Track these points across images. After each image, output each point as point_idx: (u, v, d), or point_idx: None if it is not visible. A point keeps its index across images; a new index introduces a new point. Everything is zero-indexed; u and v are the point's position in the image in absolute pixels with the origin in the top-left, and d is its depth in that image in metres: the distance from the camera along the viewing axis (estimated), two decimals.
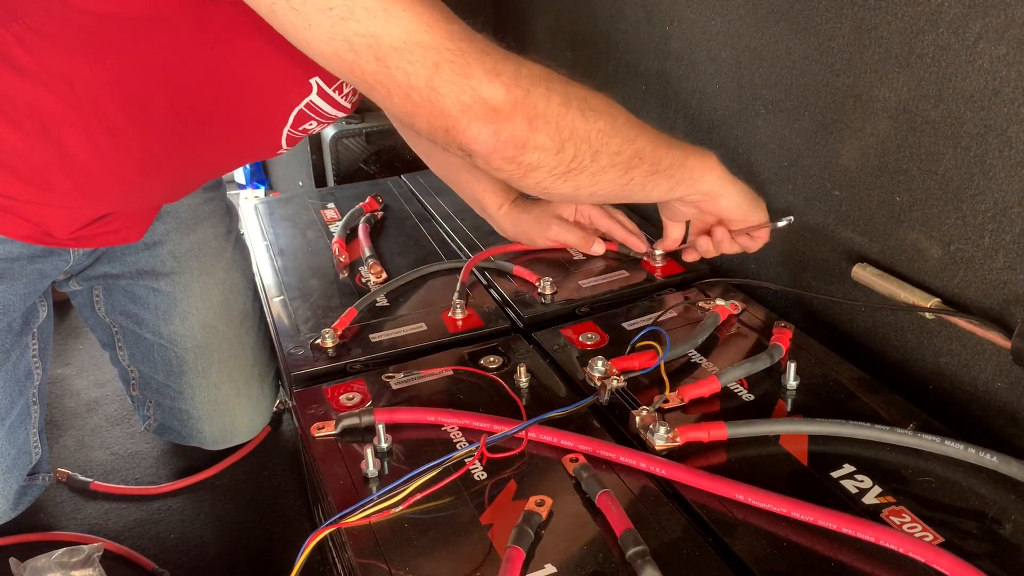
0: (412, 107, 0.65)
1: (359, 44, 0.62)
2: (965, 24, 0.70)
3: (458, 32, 0.64)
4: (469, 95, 0.63)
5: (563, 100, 0.68)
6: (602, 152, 0.72)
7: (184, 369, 1.04)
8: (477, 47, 0.64)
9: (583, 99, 0.70)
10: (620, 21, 1.22)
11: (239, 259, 1.11)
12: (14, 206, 0.84)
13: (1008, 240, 0.71)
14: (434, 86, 0.63)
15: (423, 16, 0.62)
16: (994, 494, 0.66)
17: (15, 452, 0.94)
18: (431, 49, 0.62)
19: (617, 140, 0.73)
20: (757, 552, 0.61)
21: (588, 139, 0.70)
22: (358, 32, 0.61)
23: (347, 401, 0.79)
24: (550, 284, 0.98)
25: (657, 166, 0.78)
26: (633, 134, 0.74)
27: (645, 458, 0.69)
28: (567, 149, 0.70)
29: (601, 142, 0.72)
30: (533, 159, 0.69)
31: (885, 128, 0.81)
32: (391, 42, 0.61)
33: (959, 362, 0.79)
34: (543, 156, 0.69)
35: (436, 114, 0.64)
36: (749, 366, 0.80)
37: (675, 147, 0.80)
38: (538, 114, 0.66)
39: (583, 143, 0.70)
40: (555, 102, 0.67)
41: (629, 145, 0.74)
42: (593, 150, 0.71)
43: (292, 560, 0.60)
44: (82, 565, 0.83)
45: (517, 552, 0.59)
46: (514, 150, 0.67)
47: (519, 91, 0.65)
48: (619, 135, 0.73)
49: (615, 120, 0.73)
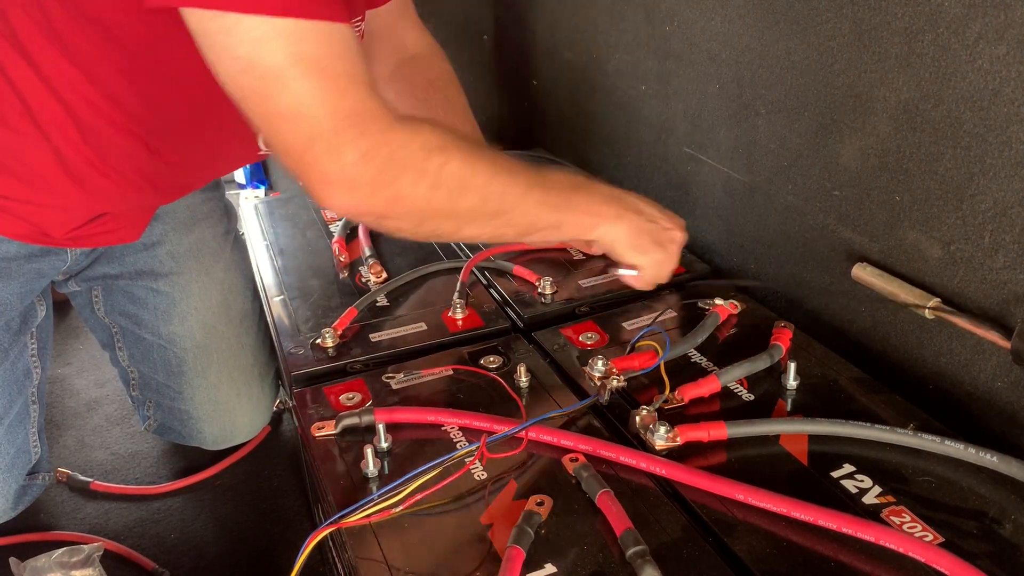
0: (285, 162, 0.68)
1: (251, 99, 0.64)
2: (965, 24, 0.70)
3: (345, 109, 0.64)
4: (335, 172, 0.66)
5: (433, 184, 0.69)
6: (467, 225, 0.76)
7: (184, 369, 1.04)
8: (357, 127, 0.65)
9: (460, 180, 0.71)
10: (620, 21, 1.22)
11: (238, 259, 1.11)
12: (11, 206, 0.84)
13: (1008, 240, 0.71)
14: (305, 158, 0.65)
15: (316, 88, 0.63)
16: (994, 494, 0.66)
17: (14, 451, 0.94)
18: (311, 122, 0.64)
19: (485, 214, 0.75)
20: (757, 552, 0.61)
21: (454, 216, 0.73)
22: (253, 88, 0.63)
23: (347, 401, 0.79)
24: (550, 284, 0.98)
25: (530, 228, 0.79)
26: (511, 203, 0.76)
27: (645, 458, 0.69)
28: (426, 224, 0.74)
29: (468, 218, 0.74)
30: (391, 225, 0.73)
31: (885, 128, 0.81)
32: (277, 108, 0.64)
33: (959, 362, 0.79)
34: (401, 224, 0.73)
35: (304, 177, 0.67)
36: (749, 366, 0.80)
37: (554, 209, 0.79)
38: (402, 196, 0.69)
39: (446, 220, 0.74)
40: (424, 185, 0.69)
41: (496, 218, 0.76)
42: (457, 224, 0.75)
43: (292, 560, 0.60)
44: (82, 565, 0.83)
45: (517, 552, 0.59)
46: (373, 219, 0.72)
47: (386, 176, 0.67)
48: (489, 209, 0.75)
49: (488, 198, 0.74)
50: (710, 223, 1.12)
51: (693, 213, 1.15)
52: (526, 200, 0.76)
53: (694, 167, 1.13)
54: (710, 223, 1.12)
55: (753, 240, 1.03)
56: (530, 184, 0.77)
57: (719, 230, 1.10)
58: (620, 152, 1.32)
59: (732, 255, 1.08)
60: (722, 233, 1.10)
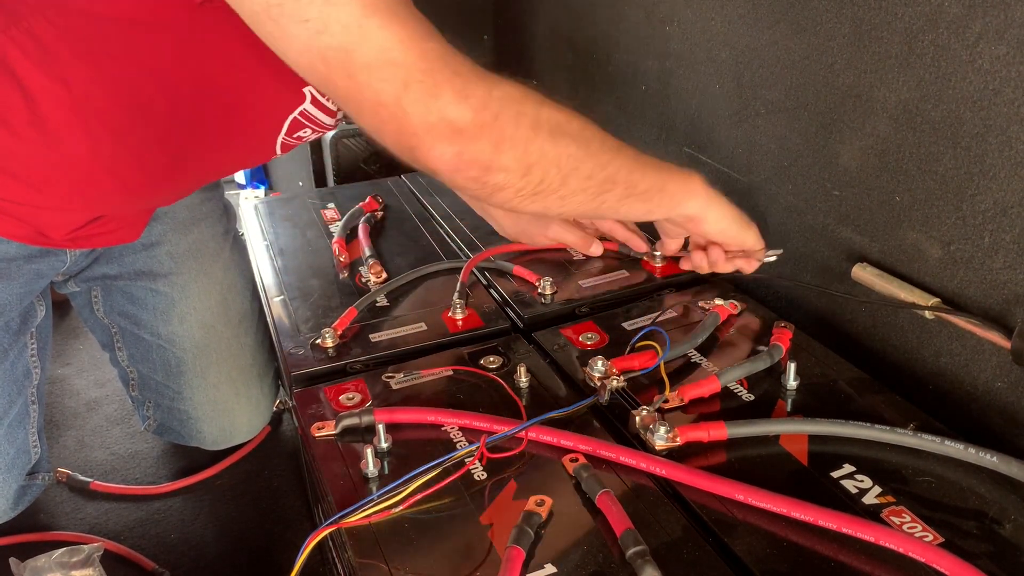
0: (379, 123, 0.65)
1: (332, 59, 0.62)
2: (965, 24, 0.70)
3: (433, 51, 0.63)
4: (436, 115, 0.63)
5: (533, 124, 0.67)
6: (572, 176, 0.72)
7: (183, 369, 1.04)
8: (450, 68, 0.63)
9: (556, 123, 0.69)
10: (620, 21, 1.22)
11: (237, 259, 1.11)
12: (10, 207, 0.84)
13: (1008, 240, 0.71)
14: (402, 105, 0.62)
15: (398, 34, 0.61)
16: (994, 494, 0.66)
17: (14, 451, 0.94)
18: (402, 68, 0.62)
19: (589, 165, 0.72)
20: (757, 552, 0.61)
21: (557, 163, 0.70)
22: (331, 46, 0.61)
23: (347, 401, 0.79)
24: (550, 284, 0.98)
25: (632, 190, 0.77)
26: (607, 158, 0.74)
27: (645, 458, 0.69)
28: (534, 172, 0.69)
29: (571, 167, 0.71)
30: (499, 180, 0.68)
31: (885, 128, 0.81)
32: (363, 59, 0.61)
33: (959, 362, 0.79)
34: (508, 177, 0.68)
35: (402, 132, 0.64)
36: (749, 366, 0.80)
37: (654, 171, 0.78)
38: (505, 137, 0.66)
39: (552, 167, 0.70)
40: (524, 126, 0.67)
41: (601, 170, 0.73)
42: (562, 174, 0.71)
43: (292, 560, 0.60)
44: (82, 565, 0.83)
45: (517, 552, 0.59)
46: (478, 171, 0.67)
47: (487, 114, 0.65)
48: (591, 159, 0.72)
49: (588, 145, 0.72)
50: None
51: None
52: (622, 155, 0.74)
53: (694, 167, 1.12)
54: None
55: None
56: (619, 143, 0.74)
57: None
58: None
59: None
60: None
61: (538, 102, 0.69)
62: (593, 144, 0.72)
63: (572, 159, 0.71)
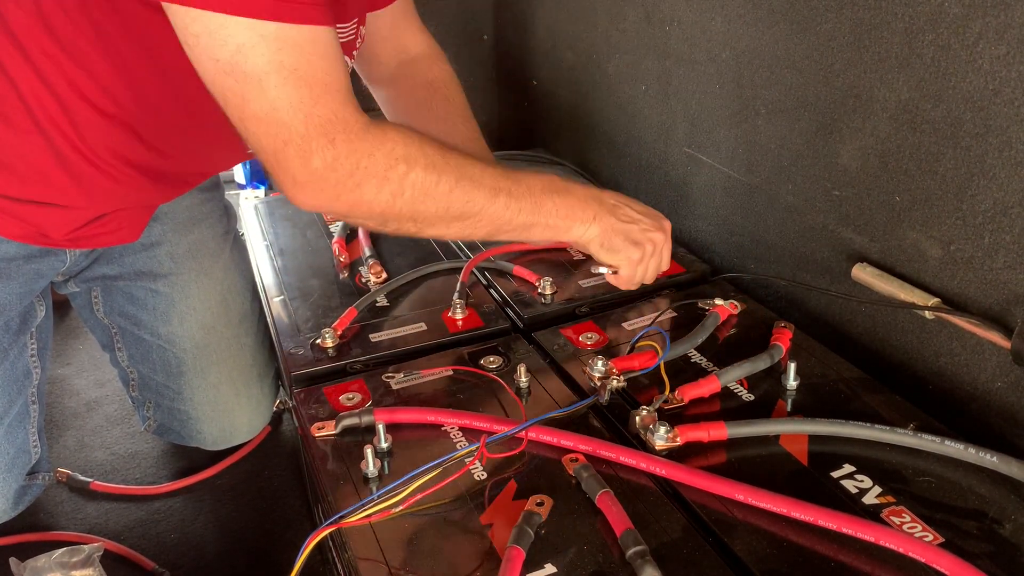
0: (261, 160, 0.71)
1: (231, 100, 0.67)
2: (965, 24, 0.70)
3: (319, 117, 0.67)
4: (305, 176, 0.69)
5: (395, 191, 0.73)
6: (429, 228, 0.78)
7: (183, 370, 1.04)
8: (327, 136, 0.68)
9: (422, 186, 0.74)
10: (620, 21, 1.22)
11: (237, 259, 1.11)
12: (11, 206, 0.84)
13: (1008, 240, 0.71)
14: (278, 159, 0.69)
15: (291, 97, 0.66)
16: (994, 494, 0.66)
17: (14, 451, 0.94)
18: (284, 128, 0.67)
19: (448, 219, 0.77)
20: (757, 552, 0.61)
21: (416, 219, 0.76)
22: (233, 90, 0.66)
23: (347, 401, 0.79)
24: (550, 284, 0.98)
25: (497, 232, 0.81)
26: (475, 209, 0.77)
27: (645, 458, 0.69)
28: (389, 225, 0.77)
29: (430, 222, 0.77)
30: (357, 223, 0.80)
31: (885, 128, 0.81)
32: (254, 110, 0.67)
33: (959, 362, 0.79)
34: (366, 223, 0.80)
35: (274, 173, 0.71)
36: (749, 366, 0.80)
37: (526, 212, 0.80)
38: (363, 201, 0.72)
39: (408, 222, 0.76)
40: (386, 193, 0.72)
41: (462, 222, 0.78)
42: (418, 227, 0.77)
43: (292, 560, 0.60)
44: (82, 565, 0.83)
45: (517, 552, 0.59)
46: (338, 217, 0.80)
47: (350, 183, 0.70)
48: (452, 215, 0.77)
49: (451, 204, 0.76)
50: (710, 223, 1.12)
51: (693, 213, 1.15)
52: (493, 205, 0.78)
53: (694, 167, 1.13)
54: (710, 223, 1.12)
55: (753, 240, 1.03)
56: (497, 189, 0.78)
57: (719, 230, 1.10)
58: (620, 152, 1.32)
59: (732, 255, 1.08)
60: (722, 233, 1.10)
61: (409, 166, 0.72)
62: (456, 201, 0.76)
63: (432, 216, 0.76)
